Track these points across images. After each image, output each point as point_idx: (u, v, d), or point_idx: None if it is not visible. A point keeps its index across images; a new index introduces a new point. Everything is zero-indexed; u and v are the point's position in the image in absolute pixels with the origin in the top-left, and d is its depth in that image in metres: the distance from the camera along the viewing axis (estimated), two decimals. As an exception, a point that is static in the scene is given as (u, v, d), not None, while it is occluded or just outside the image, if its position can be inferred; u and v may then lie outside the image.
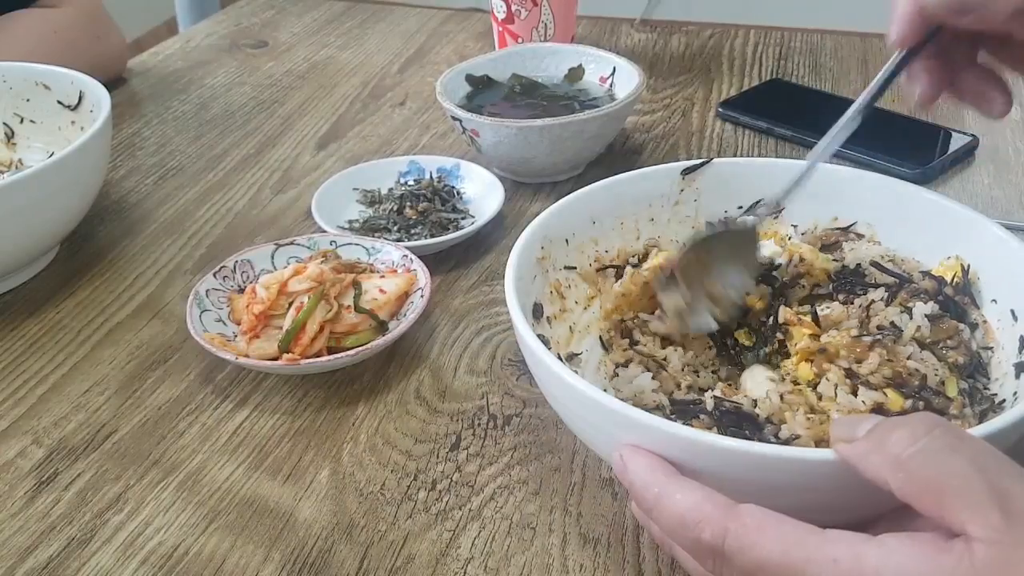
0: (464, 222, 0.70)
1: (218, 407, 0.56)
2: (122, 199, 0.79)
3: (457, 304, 0.64)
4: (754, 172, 0.57)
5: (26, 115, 0.78)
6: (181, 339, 0.61)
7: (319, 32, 1.15)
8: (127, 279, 0.68)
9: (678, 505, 0.35)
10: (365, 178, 0.75)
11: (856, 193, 0.55)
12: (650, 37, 1.09)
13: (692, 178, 0.57)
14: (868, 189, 0.55)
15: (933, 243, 0.52)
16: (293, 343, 0.55)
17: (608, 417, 0.39)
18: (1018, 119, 0.85)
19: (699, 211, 0.58)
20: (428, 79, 0.99)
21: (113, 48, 1.00)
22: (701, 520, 0.34)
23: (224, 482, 0.50)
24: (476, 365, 0.58)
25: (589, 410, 0.41)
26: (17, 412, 0.56)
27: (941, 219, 0.52)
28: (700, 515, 0.34)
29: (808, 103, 0.90)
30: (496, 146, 0.74)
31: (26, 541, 0.47)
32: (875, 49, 1.02)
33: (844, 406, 0.44)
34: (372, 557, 0.46)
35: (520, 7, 0.92)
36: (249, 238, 0.73)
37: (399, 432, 0.53)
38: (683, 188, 0.57)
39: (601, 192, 0.55)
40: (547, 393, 0.46)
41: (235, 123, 0.92)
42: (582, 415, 0.43)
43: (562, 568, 0.45)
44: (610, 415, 0.39)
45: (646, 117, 0.89)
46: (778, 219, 0.57)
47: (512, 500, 0.49)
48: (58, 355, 0.61)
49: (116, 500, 0.50)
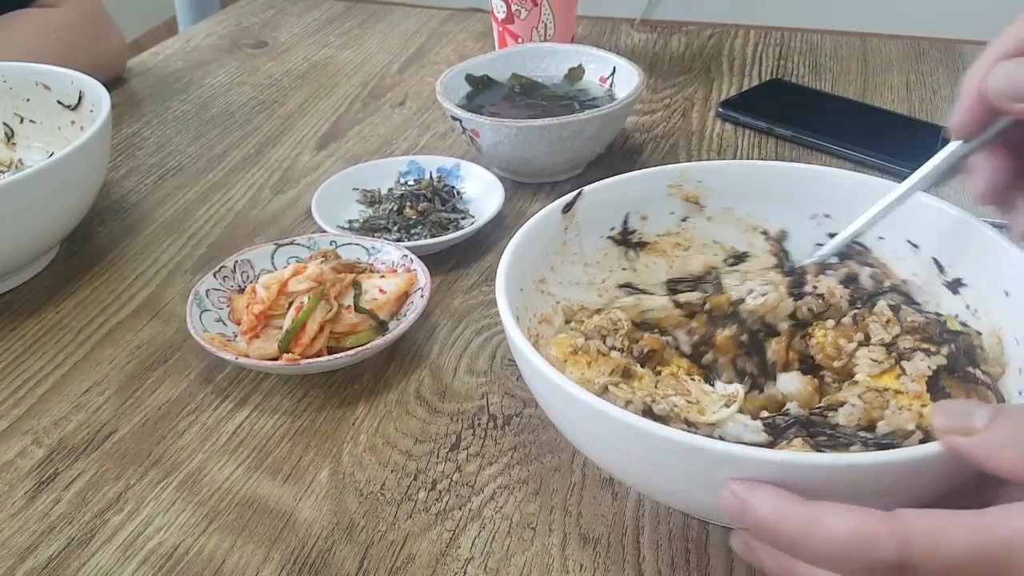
0: (464, 222, 0.70)
1: (218, 407, 0.56)
2: (122, 199, 0.79)
3: (457, 304, 0.64)
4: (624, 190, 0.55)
5: (26, 115, 0.78)
6: (181, 339, 0.61)
7: (319, 32, 1.15)
8: (127, 279, 0.68)
9: (835, 530, 0.32)
10: (365, 178, 0.75)
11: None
12: (650, 37, 1.09)
13: (571, 215, 0.53)
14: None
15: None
16: (293, 343, 0.55)
17: (699, 456, 0.36)
18: (1018, 119, 0.85)
19: (582, 245, 0.54)
20: (428, 79, 0.99)
21: (113, 48, 1.00)
22: (871, 539, 0.31)
23: (224, 482, 0.51)
24: (476, 365, 0.58)
25: (670, 454, 0.37)
26: (17, 412, 0.56)
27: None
28: (867, 534, 0.31)
29: (808, 103, 0.90)
30: (496, 146, 0.74)
31: (26, 541, 0.47)
32: (875, 49, 1.02)
33: (917, 375, 0.44)
34: (372, 557, 0.46)
35: (520, 7, 0.92)
36: (249, 238, 0.73)
37: (399, 432, 0.53)
38: (566, 227, 0.53)
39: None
40: (577, 429, 0.42)
41: (235, 123, 0.92)
42: (658, 460, 0.38)
43: (562, 568, 0.45)
44: (702, 454, 0.35)
45: (646, 117, 0.89)
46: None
47: (512, 500, 0.49)
48: (58, 355, 0.61)
49: (116, 500, 0.50)
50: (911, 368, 0.45)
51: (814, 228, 0.55)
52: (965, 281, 0.49)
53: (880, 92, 0.92)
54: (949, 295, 0.50)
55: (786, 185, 0.55)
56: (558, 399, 0.41)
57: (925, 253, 0.51)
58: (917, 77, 0.95)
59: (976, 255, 0.48)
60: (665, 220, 0.56)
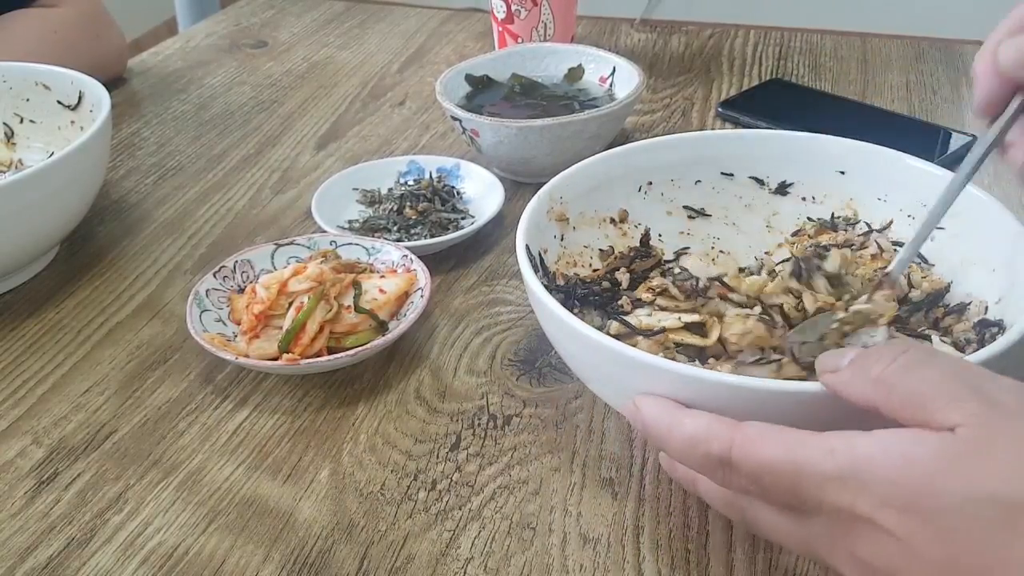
0: (464, 222, 0.70)
1: (218, 407, 0.56)
2: (122, 199, 0.79)
3: (457, 304, 0.64)
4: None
5: (26, 115, 0.78)
6: (181, 339, 0.61)
7: (319, 32, 1.15)
8: (127, 279, 0.68)
9: (687, 428, 0.37)
10: (365, 178, 0.75)
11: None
12: (650, 37, 1.09)
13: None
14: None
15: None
16: (293, 343, 0.55)
17: (613, 359, 0.41)
18: (1018, 119, 0.85)
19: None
20: (428, 79, 0.99)
21: (113, 48, 1.00)
22: (710, 436, 0.36)
23: (224, 482, 0.51)
24: (476, 365, 0.58)
25: (597, 356, 0.42)
26: (17, 412, 0.56)
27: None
28: (708, 432, 0.36)
29: (808, 103, 0.90)
30: (496, 146, 0.74)
31: (26, 541, 0.47)
32: (875, 49, 1.02)
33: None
34: (372, 557, 0.46)
35: (520, 7, 0.92)
36: (249, 238, 0.73)
37: (399, 432, 0.53)
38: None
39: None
40: (556, 343, 0.47)
41: (235, 123, 0.92)
42: (594, 364, 0.44)
43: (562, 568, 0.45)
44: (616, 357, 0.41)
45: (646, 117, 0.89)
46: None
47: (512, 500, 0.49)
48: (58, 355, 0.61)
49: (116, 500, 0.50)
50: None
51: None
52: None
53: (880, 92, 0.92)
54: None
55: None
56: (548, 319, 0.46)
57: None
58: (917, 77, 0.95)
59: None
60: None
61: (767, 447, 0.34)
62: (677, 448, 0.38)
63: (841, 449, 0.33)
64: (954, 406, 0.31)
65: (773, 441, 0.35)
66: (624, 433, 0.52)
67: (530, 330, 0.61)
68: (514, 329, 0.61)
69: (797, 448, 0.34)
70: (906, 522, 0.31)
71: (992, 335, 0.47)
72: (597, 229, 0.57)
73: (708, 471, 0.37)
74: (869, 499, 0.32)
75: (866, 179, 0.57)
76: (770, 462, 0.34)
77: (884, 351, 0.35)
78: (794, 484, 0.34)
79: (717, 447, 0.36)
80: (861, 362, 0.35)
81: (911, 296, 0.52)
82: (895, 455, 0.32)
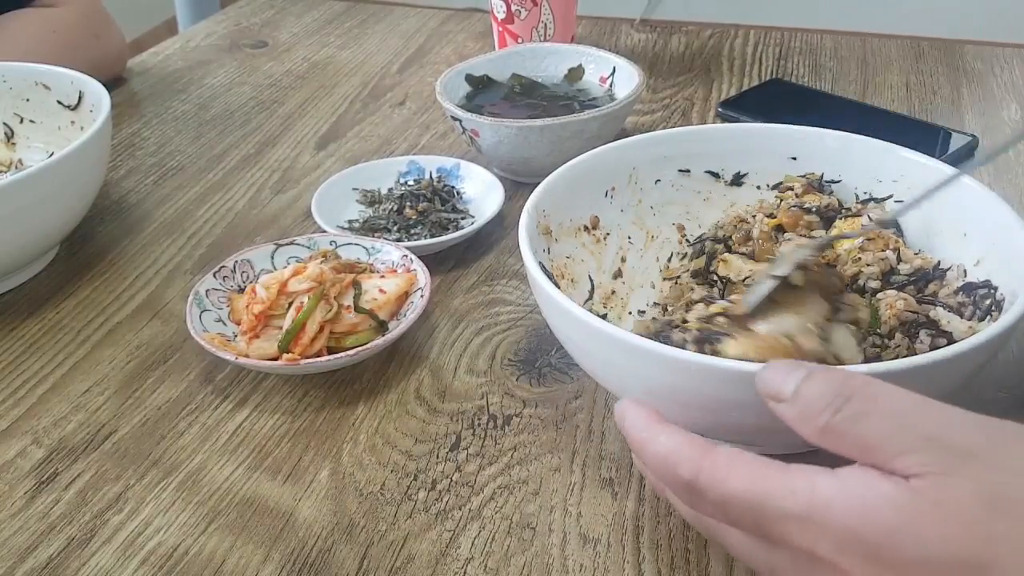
0: (464, 222, 0.70)
1: (218, 407, 0.56)
2: (122, 199, 0.79)
3: (457, 304, 0.64)
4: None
5: (26, 115, 0.78)
6: (181, 339, 0.61)
7: (319, 32, 1.15)
8: (127, 279, 0.68)
9: (661, 446, 0.37)
10: (365, 178, 0.75)
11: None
12: (650, 37, 1.09)
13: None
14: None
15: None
16: (293, 343, 0.55)
17: (591, 334, 0.42)
18: (1018, 119, 0.85)
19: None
20: (428, 79, 0.99)
21: (113, 48, 1.00)
22: (680, 459, 0.36)
23: (224, 482, 0.51)
24: (476, 365, 0.58)
25: (582, 334, 0.44)
26: (17, 412, 0.56)
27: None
28: (679, 455, 0.36)
29: (808, 103, 0.90)
30: (496, 146, 0.74)
31: (26, 541, 0.47)
32: (875, 49, 1.02)
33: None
34: (372, 557, 0.46)
35: (520, 7, 0.92)
36: (249, 238, 0.73)
37: (399, 432, 0.53)
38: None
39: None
40: (555, 328, 0.48)
41: (235, 123, 0.92)
42: (589, 349, 0.45)
43: (562, 568, 0.45)
44: (597, 335, 0.42)
45: (646, 117, 0.89)
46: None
47: (512, 500, 0.49)
48: (58, 355, 0.61)
49: (116, 500, 0.50)
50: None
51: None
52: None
53: (880, 92, 0.92)
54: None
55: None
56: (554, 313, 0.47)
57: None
58: (917, 77, 0.95)
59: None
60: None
61: (732, 478, 0.34)
62: (651, 463, 0.38)
63: (802, 490, 0.33)
64: (905, 457, 0.32)
65: (739, 472, 0.34)
66: (624, 433, 0.52)
67: (530, 330, 0.61)
68: (514, 329, 0.61)
69: (761, 482, 0.34)
70: (868, 570, 0.31)
71: (982, 296, 0.49)
72: (574, 239, 0.57)
73: (676, 492, 0.38)
74: (829, 543, 0.32)
75: (817, 162, 0.59)
76: (734, 494, 0.34)
77: (827, 394, 0.34)
78: (758, 518, 0.34)
79: (686, 471, 0.36)
80: (805, 404, 0.35)
81: (899, 269, 0.53)
82: (854, 502, 0.32)
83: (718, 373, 0.39)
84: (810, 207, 0.56)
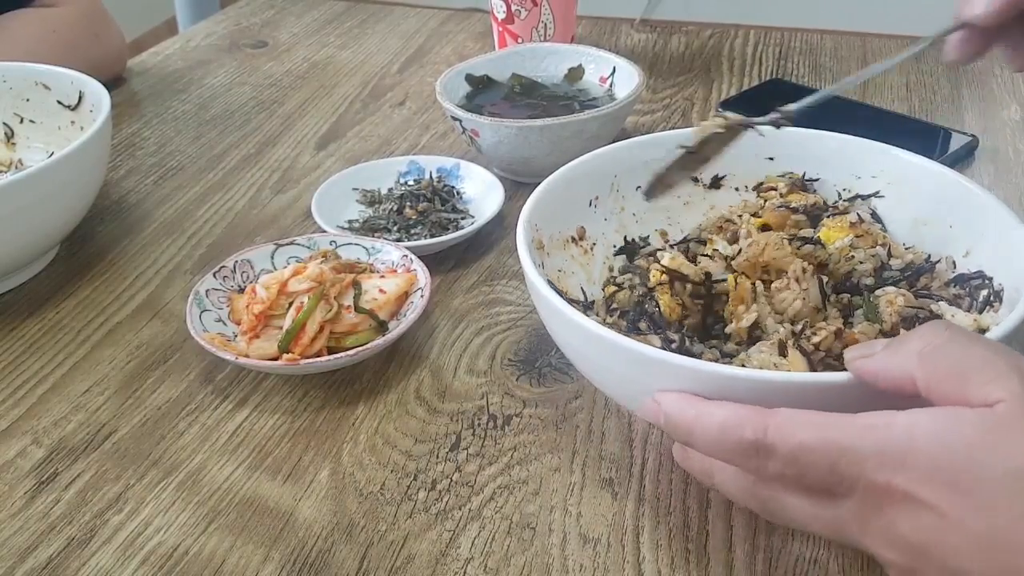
0: (464, 222, 0.70)
1: (218, 407, 0.56)
2: (122, 199, 0.79)
3: (457, 304, 0.64)
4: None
5: (26, 115, 0.78)
6: (181, 339, 0.61)
7: (319, 32, 1.15)
8: (127, 279, 0.68)
9: (716, 417, 0.37)
10: (365, 178, 0.75)
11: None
12: (650, 37, 1.09)
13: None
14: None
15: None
16: (293, 343, 0.55)
17: (631, 359, 0.41)
18: (1018, 119, 0.85)
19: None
20: (428, 79, 0.99)
21: (113, 48, 1.00)
22: (743, 422, 0.36)
23: (224, 482, 0.51)
24: (476, 365, 0.58)
25: (612, 358, 0.42)
26: (17, 412, 0.56)
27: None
28: (740, 419, 0.36)
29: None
30: (496, 146, 0.74)
31: (26, 541, 0.47)
32: (875, 49, 1.02)
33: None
34: (372, 557, 0.46)
35: (520, 7, 0.92)
36: (249, 238, 0.73)
37: (399, 432, 0.53)
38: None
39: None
40: (565, 344, 0.47)
41: (235, 123, 0.92)
42: (606, 365, 0.44)
43: (562, 568, 0.45)
44: (634, 356, 0.41)
45: (646, 117, 0.89)
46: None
47: (512, 500, 0.49)
48: (58, 355, 0.61)
49: (116, 500, 0.50)
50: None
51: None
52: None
53: (880, 92, 0.92)
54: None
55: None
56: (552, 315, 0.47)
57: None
58: (917, 77, 0.95)
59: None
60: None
61: (802, 430, 0.35)
62: (706, 438, 0.38)
63: (879, 426, 0.33)
64: (997, 382, 0.32)
65: (807, 423, 0.35)
66: (624, 433, 0.52)
67: (530, 330, 0.61)
68: (514, 329, 0.61)
69: (833, 428, 0.34)
70: (946, 496, 0.31)
71: (977, 287, 0.49)
72: (564, 251, 0.57)
73: (741, 458, 0.37)
74: (908, 474, 0.32)
75: (794, 161, 0.59)
76: (808, 443, 0.34)
77: (925, 331, 0.35)
78: (832, 463, 0.34)
79: (751, 432, 0.36)
80: (900, 342, 0.36)
81: (891, 265, 0.53)
82: (934, 430, 0.32)
83: (727, 380, 0.39)
84: (796, 207, 0.56)
